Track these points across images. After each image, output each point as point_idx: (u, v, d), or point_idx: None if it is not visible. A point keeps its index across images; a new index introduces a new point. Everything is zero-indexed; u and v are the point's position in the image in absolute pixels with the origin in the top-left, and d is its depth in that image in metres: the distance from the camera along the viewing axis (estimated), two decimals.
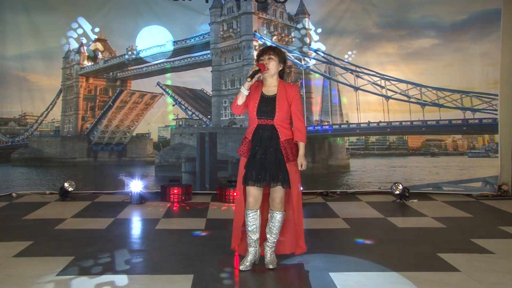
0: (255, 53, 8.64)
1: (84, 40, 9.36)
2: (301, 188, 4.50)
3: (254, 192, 4.34)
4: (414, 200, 8.04)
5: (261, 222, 4.48)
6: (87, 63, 9.63)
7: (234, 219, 4.58)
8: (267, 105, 4.32)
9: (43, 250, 5.04)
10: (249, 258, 4.45)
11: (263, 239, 4.55)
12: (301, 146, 4.37)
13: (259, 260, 4.55)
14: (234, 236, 4.60)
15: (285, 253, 4.68)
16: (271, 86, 4.42)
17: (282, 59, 4.45)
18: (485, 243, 5.32)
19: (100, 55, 9.64)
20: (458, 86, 8.87)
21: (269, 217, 4.44)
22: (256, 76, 4.26)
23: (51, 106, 9.38)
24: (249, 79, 4.20)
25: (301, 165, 4.34)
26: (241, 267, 4.39)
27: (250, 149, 4.33)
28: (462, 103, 8.80)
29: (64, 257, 4.73)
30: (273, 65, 4.35)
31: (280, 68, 4.45)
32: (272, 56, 4.37)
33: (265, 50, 4.43)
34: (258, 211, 4.40)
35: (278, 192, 4.33)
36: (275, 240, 4.47)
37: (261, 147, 4.28)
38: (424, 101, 8.94)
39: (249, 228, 4.41)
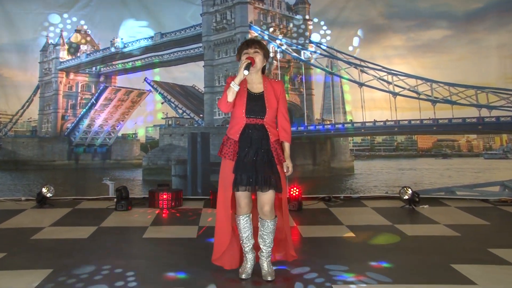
0: None
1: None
2: None
3: (244, 196, 4.30)
4: (425, 206, 7.98)
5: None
6: (67, 56, 9.59)
7: (216, 229, 4.52)
8: (256, 103, 4.28)
9: (17, 262, 4.95)
10: (249, 265, 4.43)
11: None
12: (287, 147, 4.38)
13: (256, 271, 4.49)
14: (216, 248, 4.54)
15: (274, 260, 4.61)
16: (256, 83, 4.38)
17: (267, 54, 4.44)
18: (503, 253, 5.25)
19: (81, 48, 9.59)
20: (473, 81, 8.84)
21: (260, 225, 4.37)
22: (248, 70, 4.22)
23: (27, 104, 9.33)
24: (246, 72, 4.14)
25: (288, 168, 4.32)
26: (243, 276, 4.38)
27: (238, 151, 4.27)
28: (477, 100, 8.78)
29: (41, 270, 4.64)
30: (259, 59, 4.33)
31: (264, 64, 4.43)
32: (258, 50, 4.34)
33: (249, 43, 4.39)
34: (250, 215, 4.38)
35: (269, 197, 4.26)
36: (270, 249, 4.42)
37: (251, 149, 4.22)
38: (435, 97, 8.92)
39: (244, 235, 4.37)
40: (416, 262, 5.01)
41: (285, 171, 4.32)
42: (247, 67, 4.17)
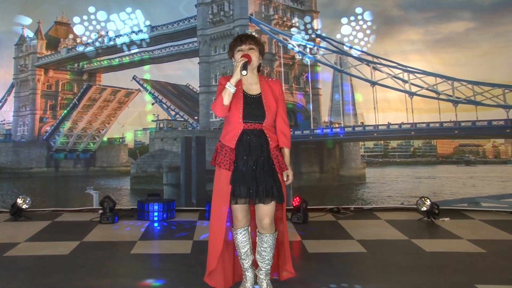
0: None
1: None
2: None
3: (241, 208, 4.29)
4: (445, 219, 7.95)
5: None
6: (46, 52, 9.56)
7: (209, 245, 4.48)
8: (254, 106, 4.26)
9: None
10: (248, 284, 4.43)
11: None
12: (287, 153, 4.37)
13: None
14: (208, 265, 4.50)
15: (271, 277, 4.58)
16: (252, 83, 4.37)
17: (262, 50, 4.43)
18: None
19: (62, 43, 9.57)
20: (500, 79, 8.81)
21: (258, 240, 4.35)
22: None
23: (0, 104, 9.29)
24: (244, 72, 4.09)
25: (288, 177, 4.32)
26: None
27: (235, 159, 4.22)
28: (504, 100, 8.74)
29: None
30: (255, 57, 4.30)
31: (260, 61, 4.41)
32: (253, 46, 4.31)
33: (243, 39, 4.36)
34: (249, 227, 4.37)
35: (269, 209, 4.24)
36: (269, 267, 4.40)
37: (250, 157, 4.19)
38: (456, 97, 8.90)
39: (242, 250, 4.36)
40: (436, 282, 4.97)
41: (284, 179, 4.30)
42: (245, 67, 4.11)
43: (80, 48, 9.52)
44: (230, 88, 4.10)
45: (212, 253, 4.42)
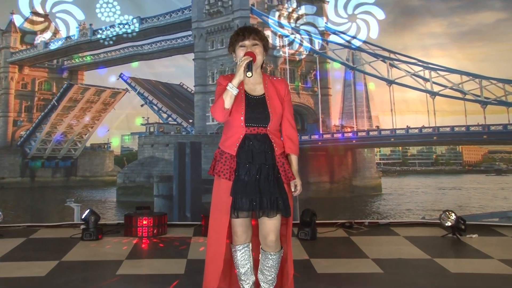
0: None
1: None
2: None
3: (240, 223, 4.25)
4: (473, 235, 7.89)
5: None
6: (20, 46, 9.53)
7: (206, 264, 4.43)
8: (257, 108, 4.22)
9: None
10: None
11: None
12: (295, 160, 4.33)
13: None
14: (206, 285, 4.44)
15: None
16: (255, 83, 4.32)
17: (267, 45, 4.37)
18: None
19: (39, 36, 9.54)
20: None
21: (261, 258, 4.31)
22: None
23: None
24: (249, 74, 4.02)
25: (296, 187, 4.27)
26: None
27: (236, 168, 4.15)
28: None
29: None
30: (260, 54, 4.25)
31: (264, 57, 4.35)
32: (257, 42, 4.25)
33: (245, 33, 4.28)
34: (249, 244, 4.34)
35: (275, 224, 4.19)
36: None
37: (253, 165, 4.13)
38: (485, 98, 8.86)
39: (241, 270, 4.34)
40: None
41: (292, 190, 4.24)
42: (249, 67, 4.03)
43: (60, 42, 9.48)
44: (232, 90, 4.03)
45: (210, 273, 4.38)
